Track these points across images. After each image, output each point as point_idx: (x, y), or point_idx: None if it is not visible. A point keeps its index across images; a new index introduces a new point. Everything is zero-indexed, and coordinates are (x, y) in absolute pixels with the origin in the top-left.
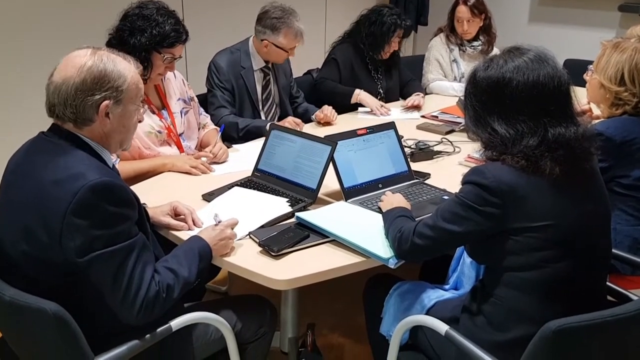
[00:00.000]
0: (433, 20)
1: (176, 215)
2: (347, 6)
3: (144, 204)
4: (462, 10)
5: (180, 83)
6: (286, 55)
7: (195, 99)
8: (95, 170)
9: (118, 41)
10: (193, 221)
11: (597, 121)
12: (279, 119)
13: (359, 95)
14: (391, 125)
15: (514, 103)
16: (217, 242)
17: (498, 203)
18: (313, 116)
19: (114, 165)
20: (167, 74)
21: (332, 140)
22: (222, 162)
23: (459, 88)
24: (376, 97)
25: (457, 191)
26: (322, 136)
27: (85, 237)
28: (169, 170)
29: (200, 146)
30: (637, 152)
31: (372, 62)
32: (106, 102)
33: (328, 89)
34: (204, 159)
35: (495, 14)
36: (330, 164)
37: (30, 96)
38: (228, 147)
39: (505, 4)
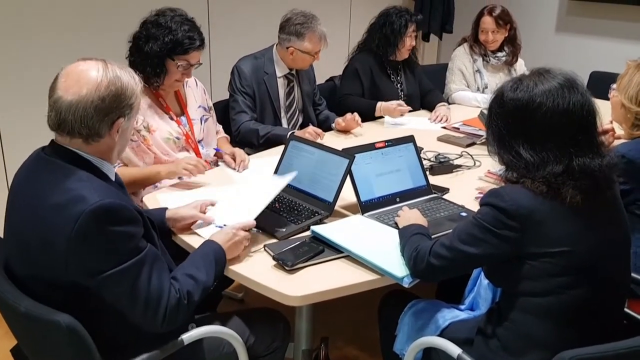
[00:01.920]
0: (458, 28)
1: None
2: (370, 12)
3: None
4: (487, 21)
5: (201, 92)
6: (312, 59)
7: (213, 108)
8: (95, 191)
9: (135, 48)
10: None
11: (619, 141)
12: (302, 126)
13: (381, 107)
14: (410, 139)
15: (542, 129)
16: (229, 243)
17: (516, 227)
18: (333, 124)
19: (116, 176)
20: (187, 81)
21: (349, 154)
22: (243, 170)
23: (481, 99)
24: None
25: (475, 212)
26: (342, 145)
27: (92, 262)
28: (165, 178)
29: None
30: None
31: (391, 67)
32: (121, 119)
33: (352, 105)
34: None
35: (521, 23)
36: (348, 177)
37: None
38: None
39: (532, 13)
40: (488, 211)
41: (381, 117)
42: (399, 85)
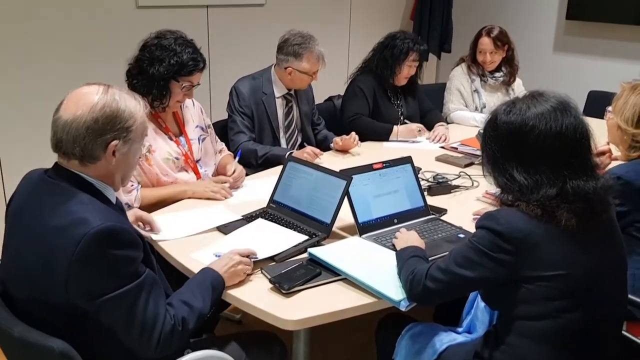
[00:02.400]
0: (456, 48)
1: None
2: (369, 32)
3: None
4: (485, 42)
5: (199, 111)
6: (310, 79)
7: (212, 127)
8: (97, 214)
9: (138, 71)
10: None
11: (616, 163)
12: (300, 146)
13: (398, 131)
14: (408, 160)
15: (535, 152)
16: (228, 270)
17: (511, 250)
18: (332, 144)
19: (117, 200)
20: (185, 101)
21: (347, 175)
22: (239, 187)
23: (480, 119)
24: (397, 124)
25: (471, 235)
26: (341, 165)
27: (92, 284)
28: (190, 197)
29: (217, 171)
30: None
31: (391, 89)
32: (115, 142)
33: (366, 126)
34: (226, 184)
35: (519, 43)
36: (346, 199)
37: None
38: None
39: (530, 33)
40: (484, 234)
41: None
42: (399, 108)
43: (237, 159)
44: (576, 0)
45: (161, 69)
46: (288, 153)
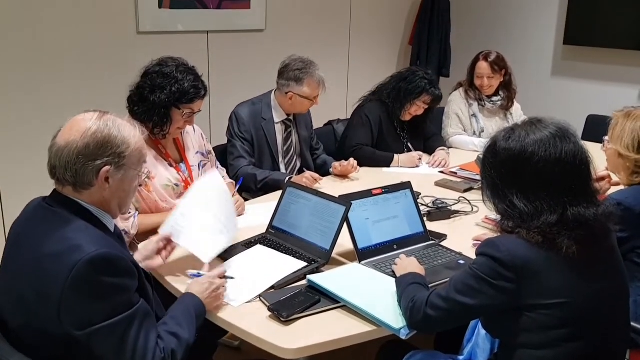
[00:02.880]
0: (455, 73)
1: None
2: (368, 57)
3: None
4: (483, 67)
5: (199, 137)
6: (311, 104)
7: (213, 153)
8: (92, 241)
9: (139, 98)
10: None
11: (616, 188)
12: (299, 171)
13: (399, 160)
14: (407, 185)
15: (535, 179)
16: (208, 295)
17: (512, 278)
18: (331, 169)
19: (116, 227)
20: (186, 127)
21: (346, 201)
22: (239, 216)
23: (479, 143)
24: None
25: (471, 262)
26: (340, 190)
27: (85, 312)
28: None
29: None
30: None
31: (398, 121)
32: (107, 167)
33: (367, 155)
34: None
35: (517, 68)
36: (345, 224)
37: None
38: (246, 201)
39: (528, 57)
40: (484, 261)
41: None
42: (405, 140)
43: (237, 187)
44: (573, 26)
45: (162, 96)
46: (287, 178)
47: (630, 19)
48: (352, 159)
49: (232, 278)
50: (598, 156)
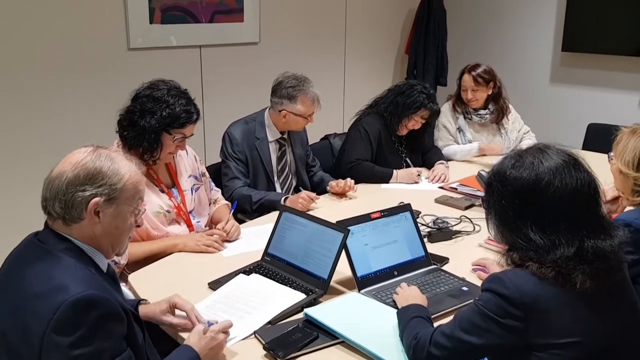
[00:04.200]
0: (452, 82)
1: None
2: (364, 69)
3: (144, 300)
4: (466, 80)
5: (192, 159)
6: (305, 122)
7: (207, 174)
8: (80, 281)
9: (128, 122)
10: (194, 317)
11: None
12: (295, 189)
13: (397, 176)
14: (407, 207)
15: (552, 210)
16: (207, 351)
17: (520, 316)
18: (328, 187)
19: (109, 267)
20: (178, 151)
21: (344, 227)
22: (233, 240)
23: (469, 149)
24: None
25: (477, 298)
26: (337, 209)
27: (66, 356)
28: (180, 251)
29: (211, 222)
30: None
31: (396, 136)
32: (96, 199)
33: (366, 171)
34: (216, 236)
35: (515, 75)
36: (343, 251)
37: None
38: (241, 223)
39: (526, 64)
40: (490, 298)
41: None
42: (403, 155)
43: (232, 210)
44: (571, 32)
45: (152, 121)
46: (283, 198)
47: (628, 24)
48: (348, 179)
49: (233, 339)
50: (601, 166)
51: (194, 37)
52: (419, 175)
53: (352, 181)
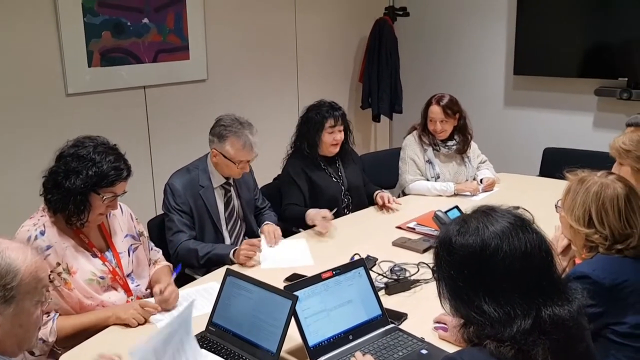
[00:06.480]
0: (408, 108)
1: None
2: (319, 98)
3: None
4: (435, 111)
5: (128, 217)
6: (235, 167)
7: (145, 234)
8: None
9: (52, 184)
10: None
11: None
12: (245, 235)
13: (308, 215)
14: (361, 263)
15: (503, 278)
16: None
17: None
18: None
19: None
20: (110, 211)
21: (291, 294)
22: (172, 309)
23: (440, 187)
24: (342, 199)
25: None
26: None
27: None
28: (114, 324)
29: (150, 285)
30: (630, 296)
31: (326, 162)
32: None
33: (290, 216)
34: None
35: (470, 99)
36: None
37: None
38: (189, 279)
39: (480, 89)
40: None
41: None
42: (338, 179)
43: (174, 275)
44: (521, 55)
45: (78, 181)
46: (232, 251)
47: (573, 46)
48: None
49: None
50: (558, 194)
51: (136, 78)
52: (325, 217)
53: (330, 213)
